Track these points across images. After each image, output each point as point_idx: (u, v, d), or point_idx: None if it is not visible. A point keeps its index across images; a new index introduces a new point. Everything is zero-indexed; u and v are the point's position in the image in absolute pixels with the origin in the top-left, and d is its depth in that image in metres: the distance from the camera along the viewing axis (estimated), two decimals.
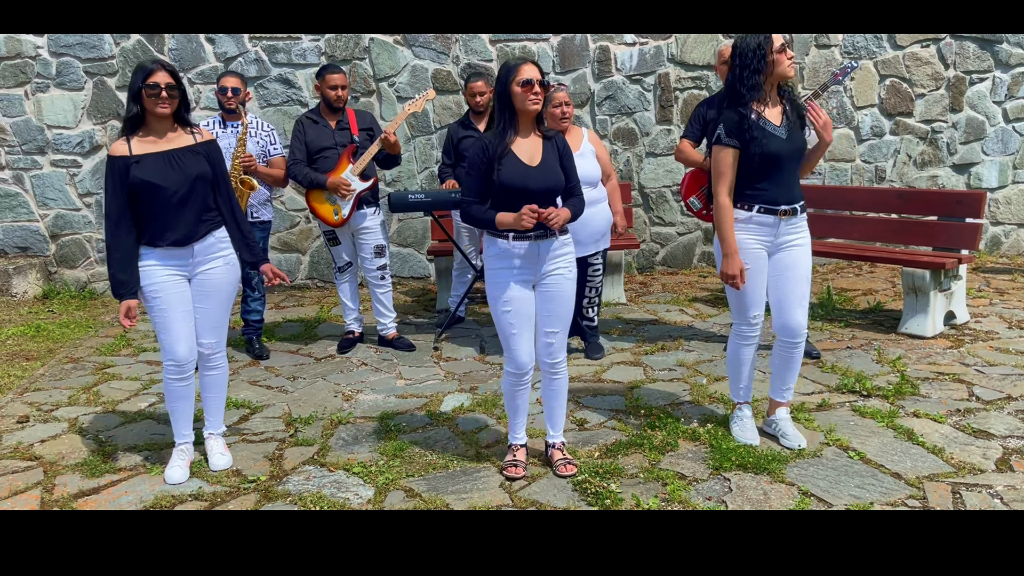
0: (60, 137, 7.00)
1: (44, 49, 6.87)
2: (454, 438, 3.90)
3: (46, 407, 4.52)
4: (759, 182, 3.45)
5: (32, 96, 6.95)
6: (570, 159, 3.36)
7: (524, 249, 3.28)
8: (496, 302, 3.33)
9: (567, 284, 3.35)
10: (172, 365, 3.52)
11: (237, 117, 5.10)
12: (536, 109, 3.21)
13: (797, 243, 3.53)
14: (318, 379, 4.85)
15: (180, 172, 3.41)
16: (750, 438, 3.69)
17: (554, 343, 3.40)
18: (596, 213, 4.79)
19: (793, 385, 3.72)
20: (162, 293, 3.45)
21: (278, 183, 5.24)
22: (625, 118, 7.28)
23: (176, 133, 3.48)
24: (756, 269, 3.52)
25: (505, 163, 3.24)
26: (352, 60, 7.02)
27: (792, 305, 3.53)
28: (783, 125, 3.42)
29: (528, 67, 3.20)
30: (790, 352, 3.62)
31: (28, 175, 7.08)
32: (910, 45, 7.38)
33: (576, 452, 3.65)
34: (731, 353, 3.73)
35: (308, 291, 7.33)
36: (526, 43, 7.11)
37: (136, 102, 3.36)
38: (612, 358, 5.03)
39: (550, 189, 3.26)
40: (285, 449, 3.86)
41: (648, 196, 7.43)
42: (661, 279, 7.29)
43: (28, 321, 6.35)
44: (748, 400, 3.79)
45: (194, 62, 6.91)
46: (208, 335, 3.61)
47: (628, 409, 4.15)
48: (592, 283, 4.95)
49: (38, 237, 7.18)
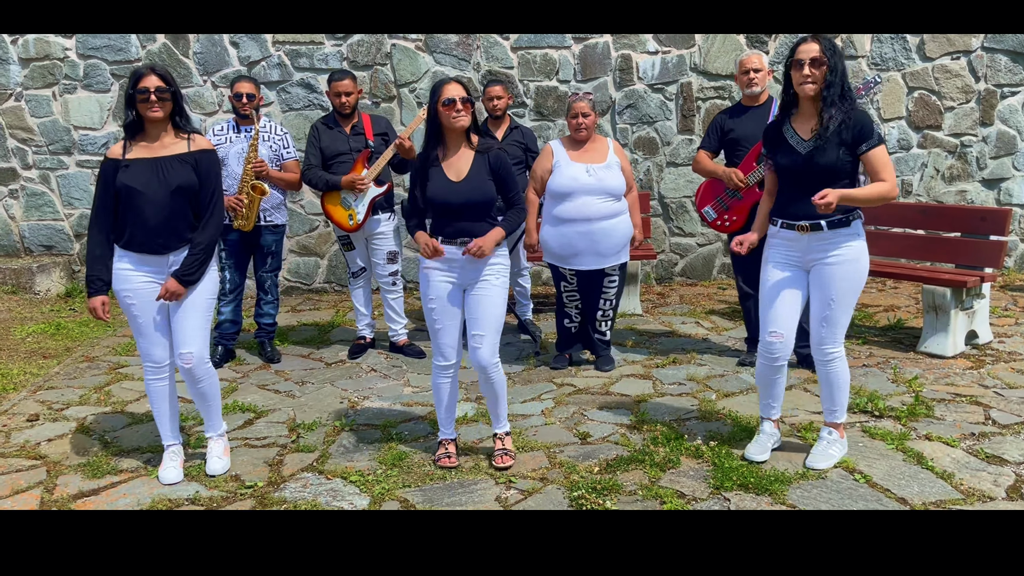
0: (86, 138, 7.10)
1: (72, 51, 6.97)
2: None
3: (57, 406, 4.56)
4: (782, 195, 3.47)
5: (60, 97, 7.05)
6: (505, 171, 3.53)
7: (450, 253, 3.50)
8: (424, 298, 3.59)
9: (494, 290, 3.50)
10: (150, 366, 3.56)
11: (250, 122, 5.11)
12: (460, 126, 3.45)
13: (828, 261, 3.41)
14: (326, 384, 4.84)
15: (162, 180, 3.39)
16: (757, 454, 3.61)
17: (480, 347, 3.52)
18: (618, 225, 4.75)
19: (838, 406, 3.56)
20: (136, 299, 3.45)
21: (292, 187, 5.26)
22: (646, 127, 7.22)
23: (172, 139, 3.47)
24: (779, 284, 3.47)
25: (432, 177, 3.49)
26: (374, 66, 7.03)
27: (814, 323, 3.47)
28: (811, 140, 3.34)
29: (451, 87, 3.42)
30: (822, 370, 3.52)
31: (54, 175, 7.18)
32: (939, 57, 7.24)
33: (576, 467, 3.60)
34: (756, 369, 3.68)
35: (325, 295, 7.35)
36: (547, 51, 7.07)
37: (131, 107, 3.38)
38: (622, 370, 4.96)
39: (471, 203, 3.44)
40: (286, 455, 3.86)
41: (668, 206, 7.35)
42: (679, 290, 7.20)
43: (49, 319, 6.43)
44: (770, 416, 3.70)
45: (218, 65, 6.97)
46: (186, 345, 3.49)
47: (633, 424, 4.09)
48: (606, 295, 4.90)
49: (63, 236, 7.28)
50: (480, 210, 3.47)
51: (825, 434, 3.62)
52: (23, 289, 6.99)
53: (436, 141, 3.52)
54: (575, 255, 4.73)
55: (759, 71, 4.71)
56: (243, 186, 4.94)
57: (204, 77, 7.00)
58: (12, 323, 6.28)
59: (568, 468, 3.59)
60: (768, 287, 3.49)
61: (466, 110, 3.42)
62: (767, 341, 3.54)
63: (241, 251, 5.21)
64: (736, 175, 4.69)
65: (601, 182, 4.67)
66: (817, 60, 3.26)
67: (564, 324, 5.04)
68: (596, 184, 4.66)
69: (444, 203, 3.45)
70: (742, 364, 4.98)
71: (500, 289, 3.52)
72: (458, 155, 3.52)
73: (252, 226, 5.03)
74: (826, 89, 3.29)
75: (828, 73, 3.28)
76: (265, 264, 5.24)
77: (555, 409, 4.34)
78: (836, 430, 3.61)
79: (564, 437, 3.96)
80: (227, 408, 4.42)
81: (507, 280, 3.57)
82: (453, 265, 3.51)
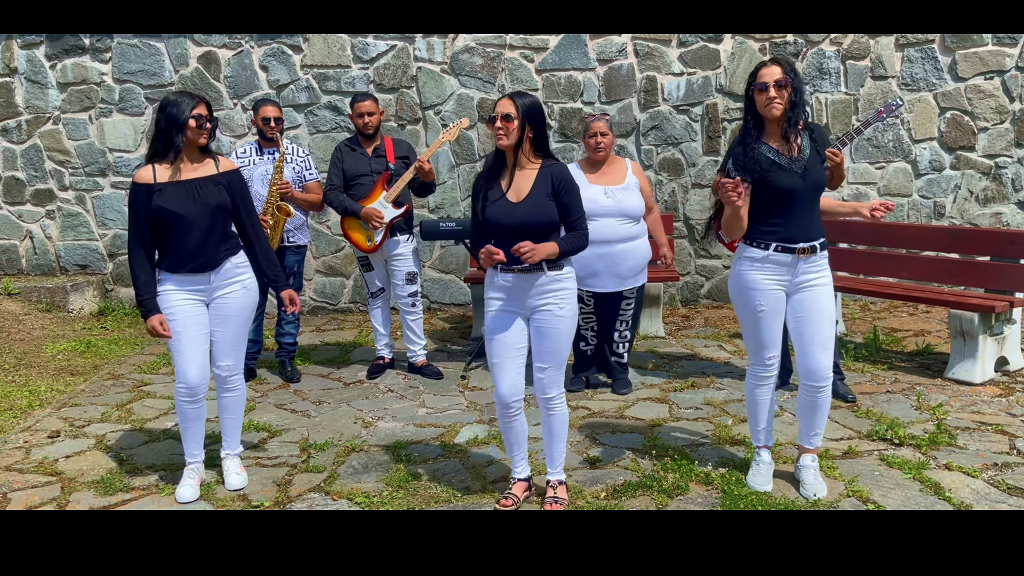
0: (120, 160, 7.25)
1: (108, 76, 7.15)
2: (463, 471, 3.85)
3: (79, 423, 4.63)
4: (773, 218, 3.34)
5: (96, 120, 7.22)
6: (569, 192, 3.26)
7: (508, 281, 3.27)
8: (486, 330, 3.36)
9: (557, 321, 3.26)
10: (184, 388, 3.57)
11: (275, 144, 5.19)
12: (502, 145, 3.22)
13: (817, 282, 3.37)
14: (342, 404, 4.86)
15: (200, 202, 3.48)
16: (761, 484, 3.53)
17: (544, 378, 3.34)
18: (636, 247, 4.73)
19: (821, 431, 3.53)
20: (178, 316, 3.51)
21: (314, 207, 5.32)
22: (671, 148, 7.17)
23: (199, 163, 3.55)
24: (772, 310, 3.40)
25: (490, 197, 3.27)
26: (399, 88, 7.10)
27: (814, 348, 3.38)
28: (800, 159, 3.29)
29: (500, 102, 3.22)
30: (814, 396, 3.44)
31: (90, 196, 7.34)
32: (972, 77, 7.09)
33: (583, 492, 3.55)
34: (748, 394, 3.60)
35: (350, 315, 7.40)
36: (572, 72, 7.08)
37: (181, 132, 3.42)
38: (639, 393, 4.91)
39: (526, 225, 3.20)
40: (295, 475, 3.87)
41: (693, 228, 7.29)
42: (704, 313, 7.12)
43: (80, 337, 6.55)
44: (767, 444, 3.63)
45: (248, 89, 7.09)
46: (225, 357, 3.66)
47: (645, 448, 4.03)
48: (623, 317, 4.86)
49: (97, 255, 7.44)
50: (539, 233, 3.21)
51: (809, 461, 3.54)
52: (57, 307, 7.14)
53: (498, 158, 3.32)
54: (593, 276, 4.70)
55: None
56: (268, 207, 5.02)
57: (234, 100, 7.13)
58: (44, 340, 6.42)
59: (575, 493, 3.54)
60: (762, 312, 3.41)
61: (506, 127, 3.20)
62: (766, 365, 3.49)
63: None
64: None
65: (619, 204, 4.65)
66: (780, 82, 3.24)
67: (580, 347, 5.00)
68: (614, 206, 4.64)
69: (499, 224, 3.23)
70: None
71: (567, 320, 3.27)
72: (520, 173, 3.28)
73: (277, 246, 5.10)
74: (791, 110, 3.26)
75: (792, 94, 3.25)
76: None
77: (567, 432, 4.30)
78: (816, 455, 3.59)
79: (573, 461, 3.92)
80: (243, 427, 4.42)
81: (574, 308, 3.30)
82: (512, 293, 3.29)
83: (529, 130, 3.22)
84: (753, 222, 3.37)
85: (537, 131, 3.25)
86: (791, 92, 3.25)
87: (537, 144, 3.27)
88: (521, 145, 3.24)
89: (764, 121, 3.34)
